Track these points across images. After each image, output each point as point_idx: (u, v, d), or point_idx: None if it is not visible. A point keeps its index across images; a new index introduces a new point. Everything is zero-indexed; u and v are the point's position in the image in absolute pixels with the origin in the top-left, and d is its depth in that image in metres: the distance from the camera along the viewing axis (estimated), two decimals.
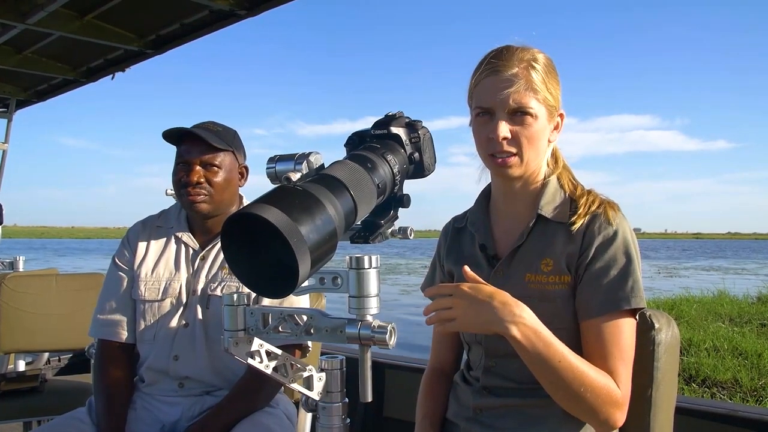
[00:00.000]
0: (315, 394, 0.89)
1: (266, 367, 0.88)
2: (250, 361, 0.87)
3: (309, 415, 1.76)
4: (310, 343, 1.63)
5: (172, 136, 1.60)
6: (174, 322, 1.59)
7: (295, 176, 0.77)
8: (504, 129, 1.12)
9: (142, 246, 1.67)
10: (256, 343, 0.88)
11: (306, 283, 0.81)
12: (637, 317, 1.14)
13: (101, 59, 3.29)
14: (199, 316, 1.58)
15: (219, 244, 1.62)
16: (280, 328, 0.88)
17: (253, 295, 0.88)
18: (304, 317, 0.86)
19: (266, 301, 1.42)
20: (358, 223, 0.85)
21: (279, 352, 0.90)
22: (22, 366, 3.15)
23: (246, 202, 1.72)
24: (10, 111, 4.18)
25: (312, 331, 0.85)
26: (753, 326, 9.52)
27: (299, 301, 1.58)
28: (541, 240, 1.18)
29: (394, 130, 0.92)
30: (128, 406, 1.57)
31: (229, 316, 0.88)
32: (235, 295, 0.88)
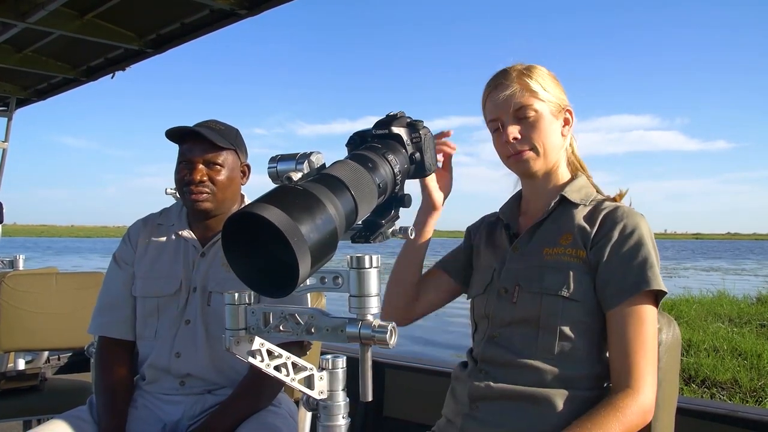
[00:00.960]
0: (316, 393, 0.89)
1: (267, 366, 0.88)
2: (251, 359, 0.87)
3: (309, 414, 1.76)
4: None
5: (175, 134, 1.60)
6: (175, 320, 1.59)
7: (296, 176, 0.77)
8: (513, 130, 1.23)
9: (142, 243, 1.67)
10: (257, 342, 0.88)
11: (306, 283, 0.81)
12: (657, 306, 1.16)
13: (101, 58, 3.29)
14: (201, 313, 1.58)
15: (220, 242, 1.62)
16: (281, 327, 0.88)
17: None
18: (305, 316, 0.86)
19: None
20: (359, 222, 0.85)
21: (280, 351, 0.90)
22: (21, 365, 3.15)
23: (247, 200, 1.72)
24: (10, 110, 4.18)
25: (313, 330, 0.85)
26: (752, 327, 9.53)
27: (300, 300, 1.58)
28: (562, 219, 1.24)
29: (396, 129, 0.92)
30: (129, 404, 1.57)
31: (230, 315, 0.88)
32: (237, 294, 0.88)
